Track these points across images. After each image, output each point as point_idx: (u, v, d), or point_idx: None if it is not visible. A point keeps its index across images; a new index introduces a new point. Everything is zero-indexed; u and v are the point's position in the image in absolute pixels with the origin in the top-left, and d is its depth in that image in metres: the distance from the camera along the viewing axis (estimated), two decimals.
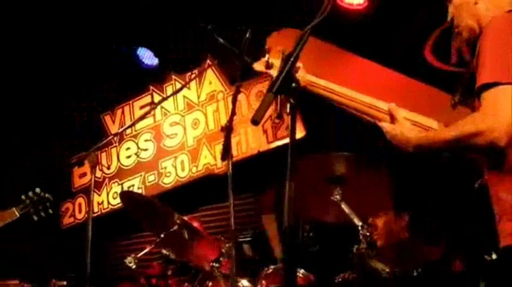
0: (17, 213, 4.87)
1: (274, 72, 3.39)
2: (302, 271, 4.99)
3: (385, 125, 3.25)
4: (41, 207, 4.99)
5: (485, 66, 2.94)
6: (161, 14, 7.35)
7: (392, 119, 3.25)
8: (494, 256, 4.62)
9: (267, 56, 3.44)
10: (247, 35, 4.64)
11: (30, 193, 4.98)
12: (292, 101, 2.92)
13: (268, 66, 3.43)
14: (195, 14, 6.99)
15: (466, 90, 3.23)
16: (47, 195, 5.04)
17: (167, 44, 7.85)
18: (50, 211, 5.06)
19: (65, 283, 6.59)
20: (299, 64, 3.25)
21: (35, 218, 4.99)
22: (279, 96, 2.91)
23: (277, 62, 3.35)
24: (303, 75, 3.35)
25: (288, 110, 2.94)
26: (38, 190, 5.00)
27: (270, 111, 2.91)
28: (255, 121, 2.79)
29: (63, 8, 7.18)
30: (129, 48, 7.97)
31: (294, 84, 2.94)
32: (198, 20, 5.22)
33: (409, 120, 3.24)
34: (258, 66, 3.48)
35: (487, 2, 3.27)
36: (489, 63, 2.95)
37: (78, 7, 7.23)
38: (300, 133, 6.40)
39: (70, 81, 8.20)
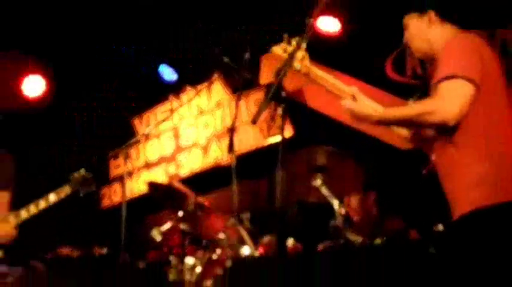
0: (69, 190, 4.75)
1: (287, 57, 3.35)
2: (291, 240, 4.99)
3: (347, 101, 3.21)
4: (86, 184, 4.87)
5: (444, 67, 2.99)
6: (180, 34, 7.29)
7: (354, 99, 3.22)
8: (441, 227, 4.62)
9: (284, 41, 3.40)
10: (246, 56, 4.63)
11: (76, 174, 4.86)
12: (282, 106, 2.93)
13: (285, 51, 3.40)
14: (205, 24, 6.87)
15: (421, 95, 3.24)
16: (89, 175, 4.93)
17: (184, 63, 7.82)
18: (93, 188, 4.96)
19: (105, 250, 6.61)
20: (305, 54, 3.26)
21: (81, 194, 4.87)
22: (272, 103, 2.92)
23: (289, 49, 3.32)
24: (306, 64, 3.34)
25: (279, 113, 2.95)
26: (82, 170, 4.90)
27: (265, 114, 2.91)
28: (253, 121, 2.83)
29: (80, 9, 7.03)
30: (154, 65, 7.93)
31: (283, 94, 2.94)
32: (212, 46, 5.17)
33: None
34: (277, 49, 3.44)
35: (437, 28, 3.30)
36: (448, 64, 3.00)
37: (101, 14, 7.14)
38: (289, 132, 6.38)
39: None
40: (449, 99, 2.91)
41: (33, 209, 4.58)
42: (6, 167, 4.72)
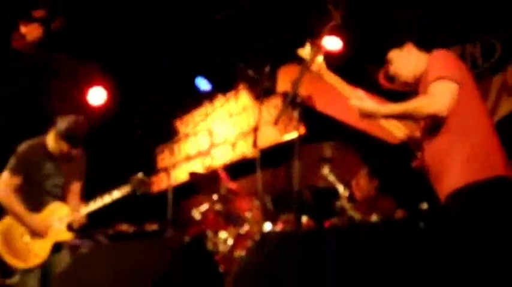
0: (129, 189, 4.74)
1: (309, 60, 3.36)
2: (305, 218, 4.99)
3: (356, 101, 3.24)
4: (143, 185, 4.84)
5: (433, 71, 3.03)
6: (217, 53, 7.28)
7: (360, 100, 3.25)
8: (425, 206, 4.60)
9: (309, 46, 3.39)
10: (267, 69, 4.62)
11: (135, 176, 4.83)
12: (298, 110, 2.93)
13: (308, 54, 3.40)
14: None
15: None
16: (146, 178, 4.91)
17: (216, 75, 7.83)
18: (148, 189, 4.92)
19: (155, 226, 6.63)
20: (323, 60, 3.29)
21: (138, 193, 4.83)
22: (290, 107, 2.93)
23: (311, 54, 3.33)
24: (323, 68, 3.35)
25: (296, 116, 2.95)
26: (140, 174, 4.86)
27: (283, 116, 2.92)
28: (275, 122, 2.86)
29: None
30: (193, 77, 7.92)
31: (299, 100, 2.95)
32: (239, 62, 5.17)
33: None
34: (301, 52, 3.44)
35: (416, 55, 3.33)
36: (436, 69, 3.03)
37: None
38: (301, 130, 6.35)
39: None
40: (439, 95, 2.97)
41: (99, 202, 4.59)
42: (82, 162, 4.76)
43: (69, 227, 4.53)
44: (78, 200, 4.67)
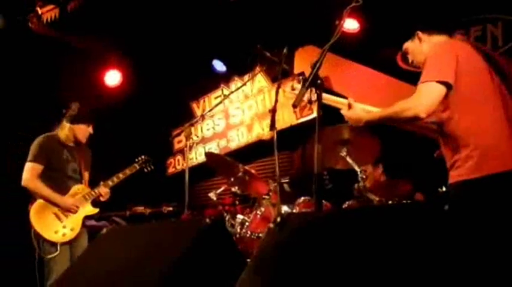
0: (137, 167, 5.39)
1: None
2: (322, 200, 4.97)
3: (344, 111, 3.36)
4: (148, 164, 5.50)
5: (423, 72, 3.04)
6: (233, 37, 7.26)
7: (350, 107, 3.33)
8: (444, 189, 4.58)
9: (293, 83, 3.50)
10: (285, 51, 4.58)
11: (140, 157, 5.49)
12: (318, 92, 2.91)
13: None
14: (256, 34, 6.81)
15: None
16: (149, 158, 5.53)
17: (233, 57, 7.80)
18: (152, 167, 5.54)
19: (171, 208, 6.72)
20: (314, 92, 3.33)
21: (145, 170, 5.49)
22: (309, 89, 2.91)
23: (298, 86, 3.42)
24: (313, 95, 3.39)
25: (315, 98, 2.93)
26: (144, 156, 5.50)
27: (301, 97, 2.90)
28: (294, 105, 2.82)
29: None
30: (209, 59, 7.92)
31: (319, 81, 2.92)
32: (256, 43, 5.14)
33: (363, 109, 3.33)
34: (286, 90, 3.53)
35: (426, 42, 3.34)
36: (425, 72, 3.04)
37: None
38: (320, 112, 6.34)
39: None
40: (420, 98, 2.98)
41: (115, 179, 5.15)
42: (88, 155, 5.24)
43: (94, 203, 5.04)
44: (86, 186, 5.10)
